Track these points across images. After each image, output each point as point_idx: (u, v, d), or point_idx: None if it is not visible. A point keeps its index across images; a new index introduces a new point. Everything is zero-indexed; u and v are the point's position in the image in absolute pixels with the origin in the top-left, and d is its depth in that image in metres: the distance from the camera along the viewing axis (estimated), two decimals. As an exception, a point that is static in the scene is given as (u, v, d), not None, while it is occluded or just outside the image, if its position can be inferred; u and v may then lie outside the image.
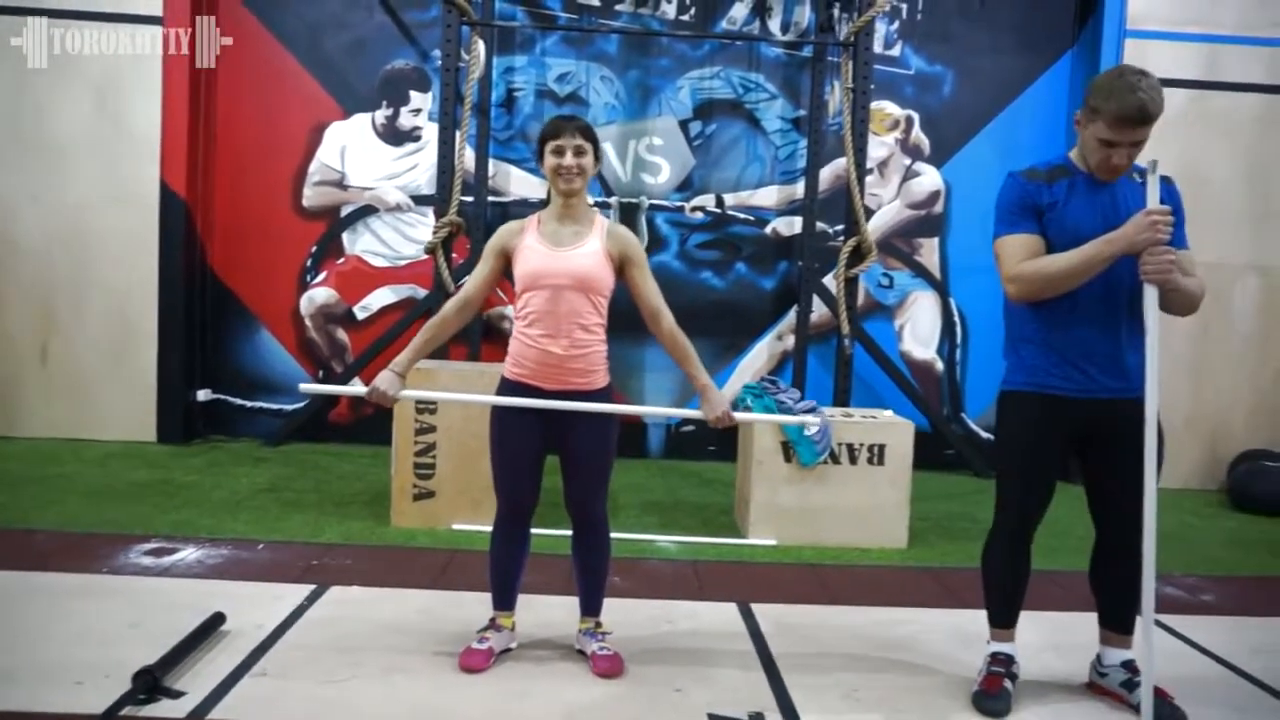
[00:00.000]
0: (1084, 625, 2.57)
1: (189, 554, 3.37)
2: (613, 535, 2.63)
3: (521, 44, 5.65)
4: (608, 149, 5.61)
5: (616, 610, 2.74)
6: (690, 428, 5.55)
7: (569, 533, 2.59)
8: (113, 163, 5.30)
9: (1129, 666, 2.40)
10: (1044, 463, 2.36)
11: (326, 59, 5.55)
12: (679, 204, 5.72)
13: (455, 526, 3.82)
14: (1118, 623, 2.44)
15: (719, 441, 4.74)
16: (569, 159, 2.38)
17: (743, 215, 5.73)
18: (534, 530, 2.62)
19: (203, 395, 5.58)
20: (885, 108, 5.68)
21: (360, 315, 5.68)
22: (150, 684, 2.23)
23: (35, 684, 2.28)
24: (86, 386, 5.39)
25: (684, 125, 5.70)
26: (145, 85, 5.26)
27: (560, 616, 2.75)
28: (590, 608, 2.61)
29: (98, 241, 5.34)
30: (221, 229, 5.60)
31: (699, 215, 5.72)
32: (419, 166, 5.64)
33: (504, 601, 2.58)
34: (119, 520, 3.77)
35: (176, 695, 2.24)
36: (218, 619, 2.64)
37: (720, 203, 5.72)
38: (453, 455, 3.83)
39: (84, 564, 3.19)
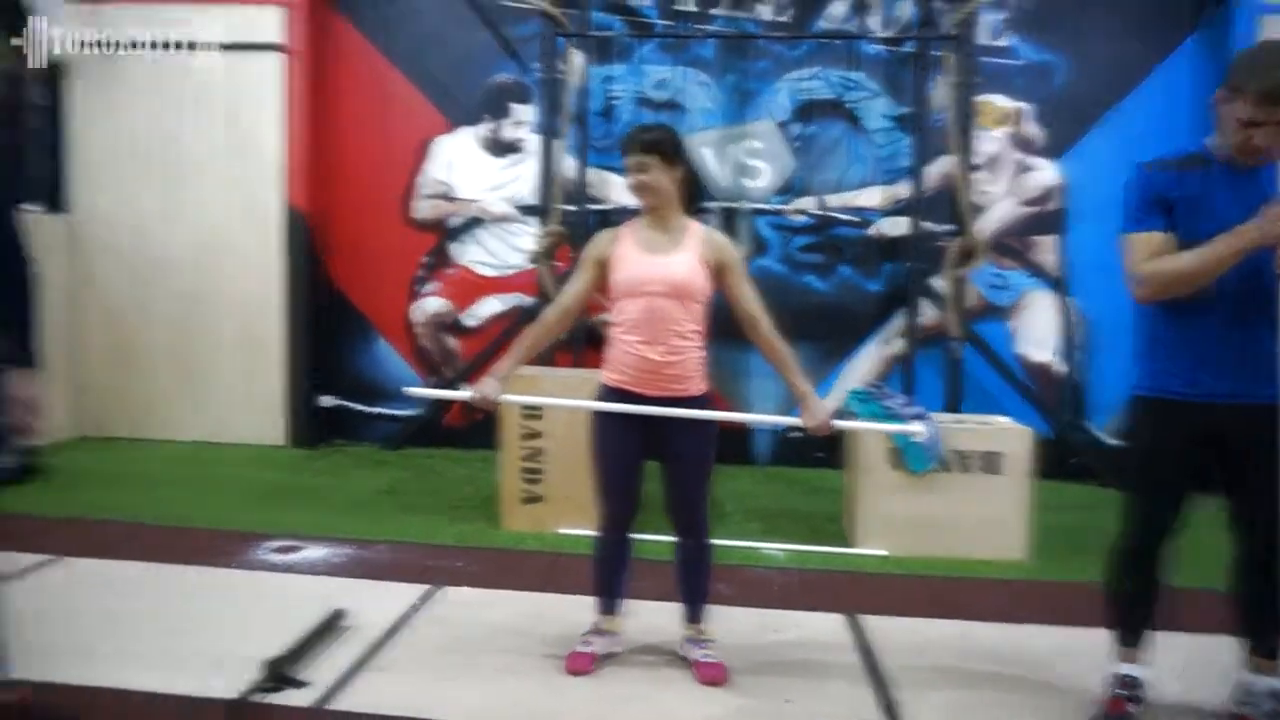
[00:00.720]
0: (1227, 649, 2.36)
1: (312, 552, 3.56)
2: (718, 542, 2.63)
3: (619, 52, 5.72)
4: (706, 154, 5.62)
5: (721, 618, 2.74)
6: (798, 433, 5.48)
7: (674, 538, 2.61)
8: (241, 184, 5.66)
9: (1278, 695, 2.24)
10: (1169, 473, 2.21)
11: (432, 75, 5.76)
12: (780, 207, 5.67)
13: (562, 530, 3.89)
14: (1262, 646, 2.27)
15: (827, 448, 4.66)
16: (633, 178, 2.42)
17: (846, 217, 5.63)
18: (639, 536, 2.65)
19: (326, 401, 5.88)
20: (994, 101, 5.47)
21: (470, 323, 5.86)
22: (278, 673, 2.37)
23: (171, 668, 2.46)
24: (223, 394, 5.76)
25: (783, 127, 5.65)
26: (269, 110, 5.59)
27: (665, 622, 2.77)
28: (694, 614, 2.61)
29: (229, 258, 5.70)
30: (340, 243, 5.89)
31: (801, 218, 5.66)
32: (522, 177, 5.78)
33: (608, 605, 2.62)
34: (252, 519, 4.01)
35: (301, 685, 2.38)
36: (339, 615, 2.78)
37: (822, 205, 5.63)
38: (560, 461, 3.91)
39: (220, 560, 3.42)
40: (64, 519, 3.91)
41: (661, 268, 2.41)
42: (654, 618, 2.82)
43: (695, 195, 2.56)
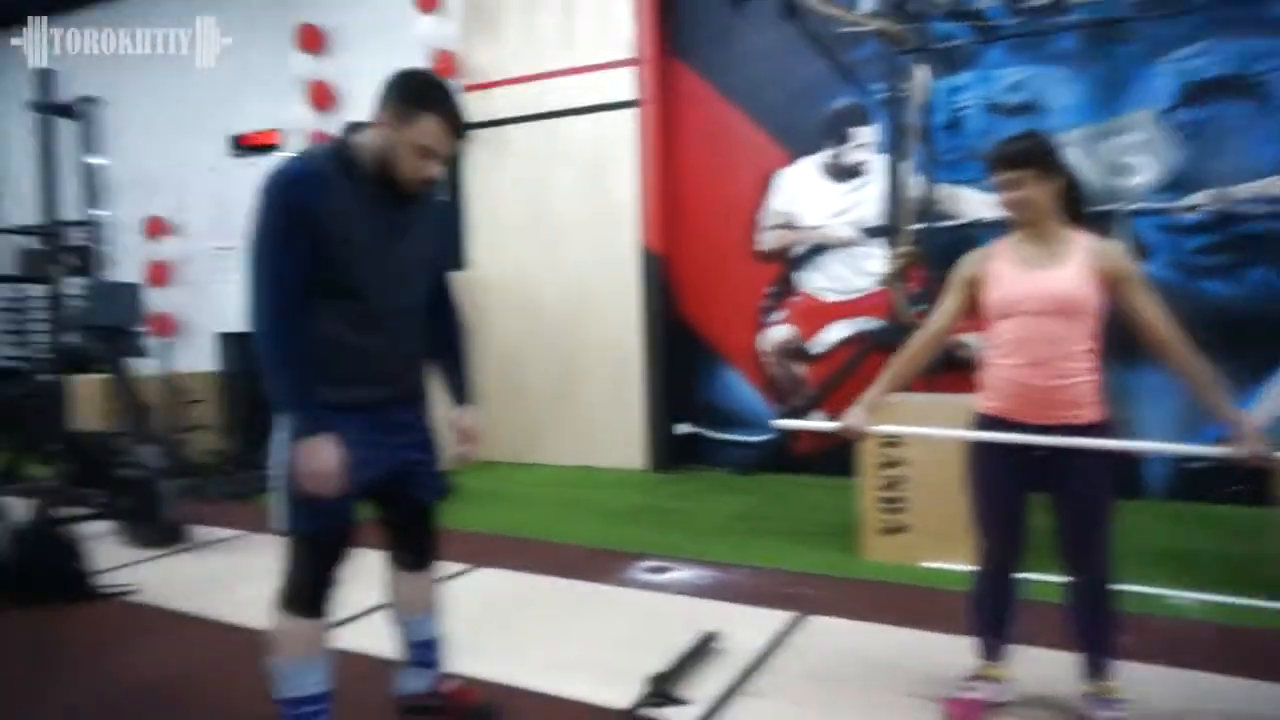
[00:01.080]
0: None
1: (680, 573, 3.74)
2: (1116, 587, 2.32)
3: (964, 61, 5.41)
4: (1072, 155, 5.09)
5: (1129, 676, 2.41)
6: (1203, 464, 4.71)
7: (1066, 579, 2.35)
8: (602, 230, 6.22)
9: None
10: None
11: (771, 109, 5.89)
12: (1167, 205, 4.96)
13: (927, 564, 3.70)
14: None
15: (1248, 481, 3.95)
16: (1004, 195, 2.23)
17: (1256, 210, 4.77)
18: (1027, 575, 2.43)
19: (681, 429, 6.21)
20: None
21: (816, 350, 5.85)
22: (662, 690, 2.51)
23: (563, 674, 2.70)
24: (591, 422, 6.34)
25: (1165, 115, 4.95)
26: (624, 161, 6.09)
27: (1061, 674, 2.50)
28: (1095, 668, 2.32)
29: (594, 297, 6.27)
30: (691, 279, 6.21)
31: (1194, 215, 4.90)
32: (866, 200, 5.68)
33: (992, 650, 2.43)
34: (622, 538, 4.33)
35: (683, 703, 2.49)
36: (712, 636, 2.88)
37: (1224, 197, 4.83)
38: (922, 490, 3.73)
39: (598, 575, 3.72)
40: (465, 532, 4.52)
41: (1042, 283, 2.20)
42: (1047, 668, 2.56)
43: (1077, 203, 2.31)
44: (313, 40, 7.08)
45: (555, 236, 6.39)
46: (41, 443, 5.59)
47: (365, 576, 2.33)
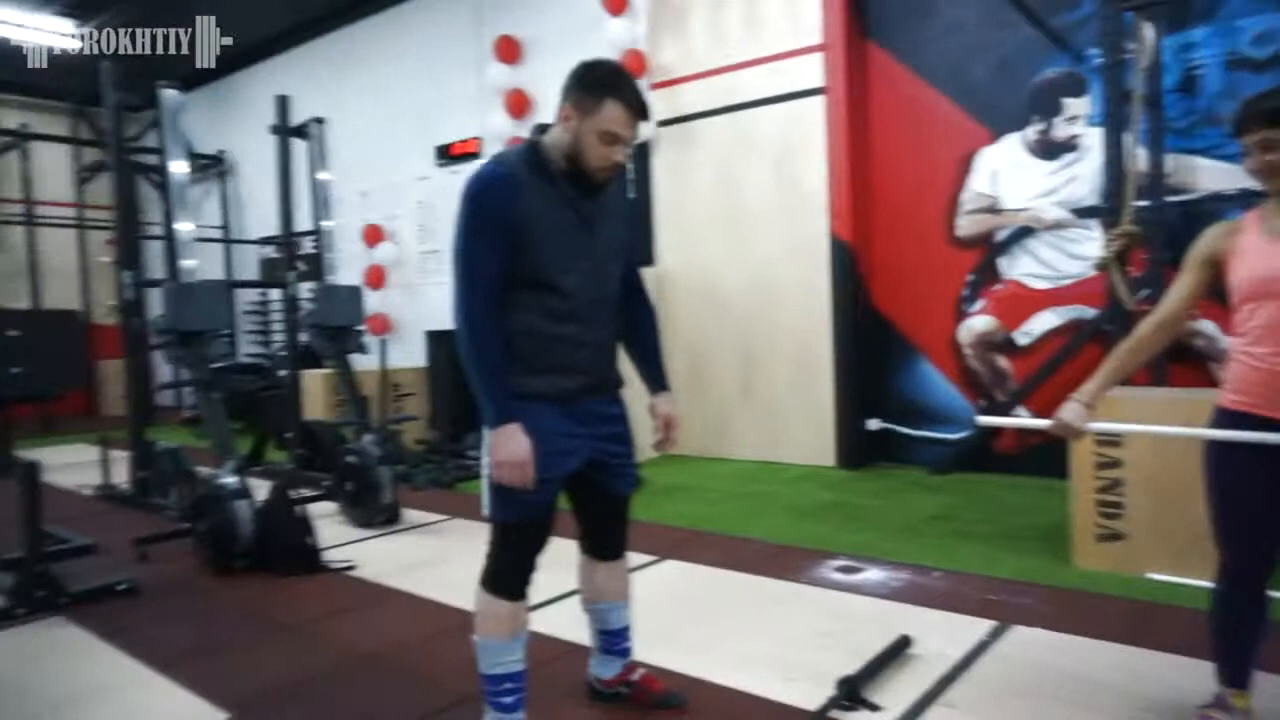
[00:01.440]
0: None
1: (872, 574, 3.61)
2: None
3: (1200, 13, 4.83)
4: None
5: None
6: None
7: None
8: (790, 220, 6.10)
9: None
10: None
11: (971, 86, 5.53)
12: None
13: (1152, 576, 3.35)
14: None
15: None
16: (1259, 159, 1.94)
17: None
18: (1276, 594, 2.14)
19: (873, 424, 5.98)
20: None
21: (1021, 341, 5.45)
22: (852, 692, 2.42)
23: (751, 670, 2.66)
24: (778, 416, 6.25)
25: None
26: (812, 149, 5.94)
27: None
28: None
29: (781, 289, 6.17)
30: (881, 267, 5.97)
31: None
32: (1079, 178, 5.21)
33: (1235, 676, 2.15)
34: (810, 536, 4.23)
35: (875, 709, 2.39)
36: (905, 641, 2.75)
37: None
38: (1146, 495, 3.38)
39: (784, 572, 3.65)
40: (652, 524, 4.58)
41: (1306, 260, 1.92)
42: (1299, 700, 2.25)
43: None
44: (509, 50, 7.43)
45: (743, 228, 6.35)
46: (280, 431, 6.25)
47: (563, 563, 2.41)
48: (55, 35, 8.77)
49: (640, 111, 2.04)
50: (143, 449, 5.29)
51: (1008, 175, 5.46)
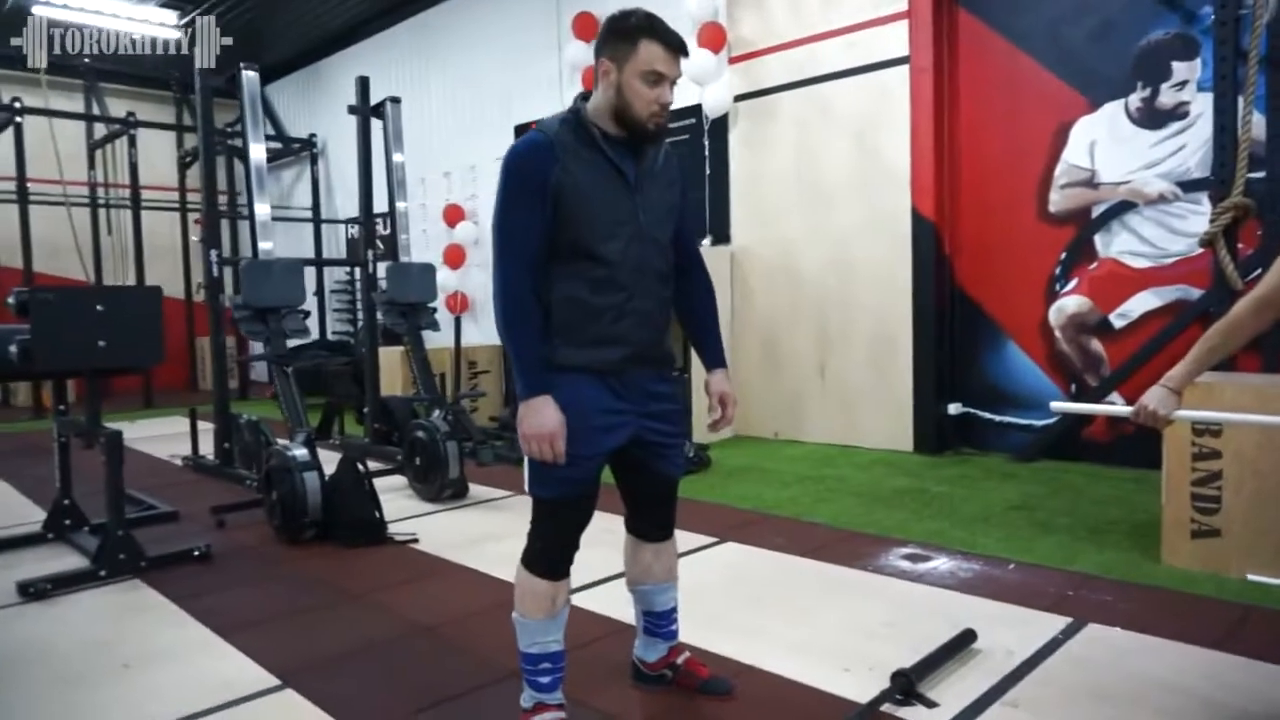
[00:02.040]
0: None
1: (941, 564, 3.44)
2: None
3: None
4: None
5: None
6: None
7: None
8: (870, 196, 5.87)
9: None
10: None
11: (1068, 52, 5.19)
12: None
13: (1251, 577, 3.09)
14: None
15: None
16: None
17: None
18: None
19: (953, 409, 5.73)
20: None
21: (1118, 324, 5.12)
22: (907, 686, 2.30)
23: (804, 658, 2.56)
24: (854, 398, 6.06)
25: None
26: (895, 122, 5.70)
27: None
28: None
29: (860, 267, 5.96)
30: (967, 245, 5.70)
31: None
32: (1187, 147, 4.83)
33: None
34: (880, 522, 4.07)
35: (931, 705, 2.26)
36: (969, 635, 2.60)
37: None
38: (1246, 489, 3.11)
39: (849, 559, 3.52)
40: (717, 505, 4.50)
41: None
42: None
43: None
44: (588, 28, 7.36)
45: (821, 205, 6.15)
46: (359, 405, 6.41)
47: (616, 540, 2.35)
48: (159, 26, 9.16)
49: (679, 47, 2.00)
50: (226, 421, 5.49)
51: (1107, 146, 5.11)
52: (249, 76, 4.63)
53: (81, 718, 2.35)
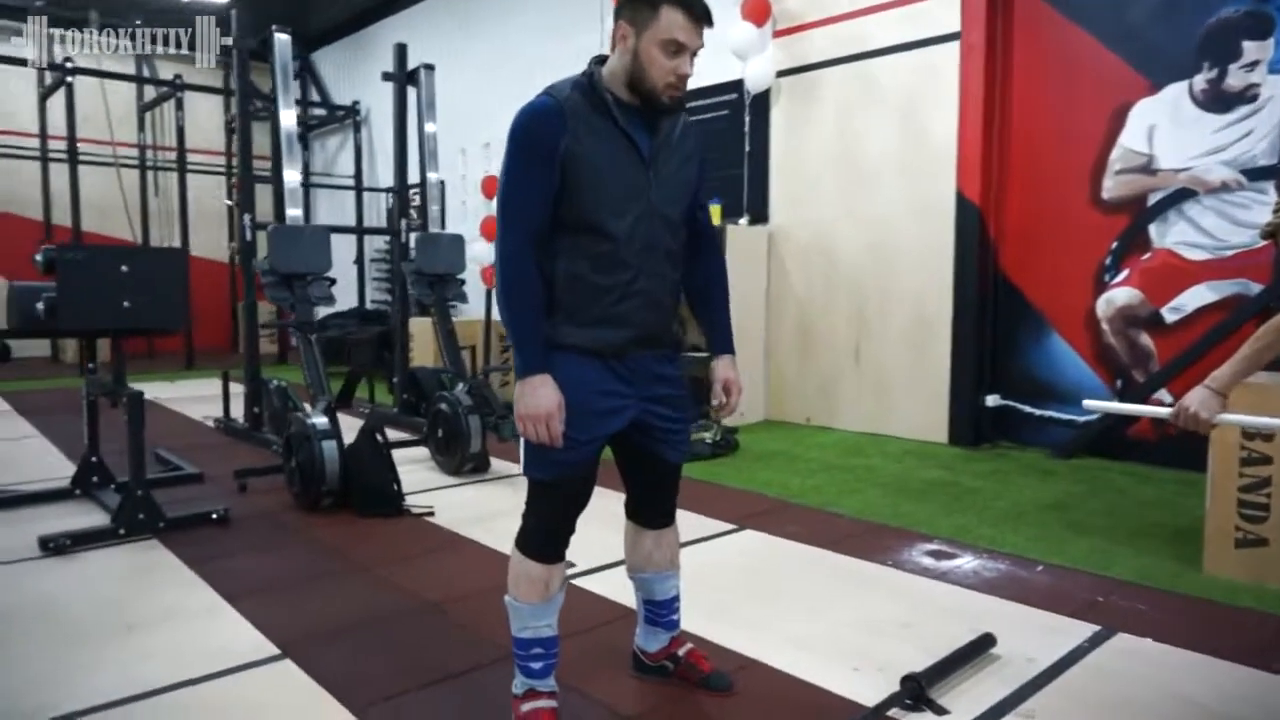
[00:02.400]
0: None
1: (966, 562, 3.31)
2: None
3: None
4: None
5: None
6: None
7: None
8: (913, 177, 5.67)
9: None
10: None
11: (1130, 29, 4.92)
12: None
13: (1297, 590, 2.92)
14: None
15: None
16: None
17: None
18: None
19: (991, 400, 5.54)
20: None
21: (1170, 318, 4.88)
22: (917, 691, 2.19)
23: (808, 653, 2.47)
24: (889, 386, 5.90)
25: None
26: (943, 101, 5.48)
27: None
28: None
29: (900, 251, 5.78)
30: (1013, 231, 5.48)
31: None
32: (1254, 133, 4.57)
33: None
34: (906, 516, 3.94)
35: (941, 712, 2.15)
36: (987, 640, 2.48)
37: None
38: (1296, 497, 2.93)
39: (869, 553, 3.40)
40: (740, 491, 4.40)
41: None
42: None
43: None
44: (629, -3, 7.21)
45: (862, 185, 5.96)
46: (389, 374, 6.42)
47: (621, 524, 2.27)
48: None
49: (703, 16, 1.86)
50: (256, 386, 5.52)
51: (1168, 130, 4.85)
52: (280, 40, 4.59)
53: (74, 677, 2.35)
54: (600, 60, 1.96)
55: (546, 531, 2.02)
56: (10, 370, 9.76)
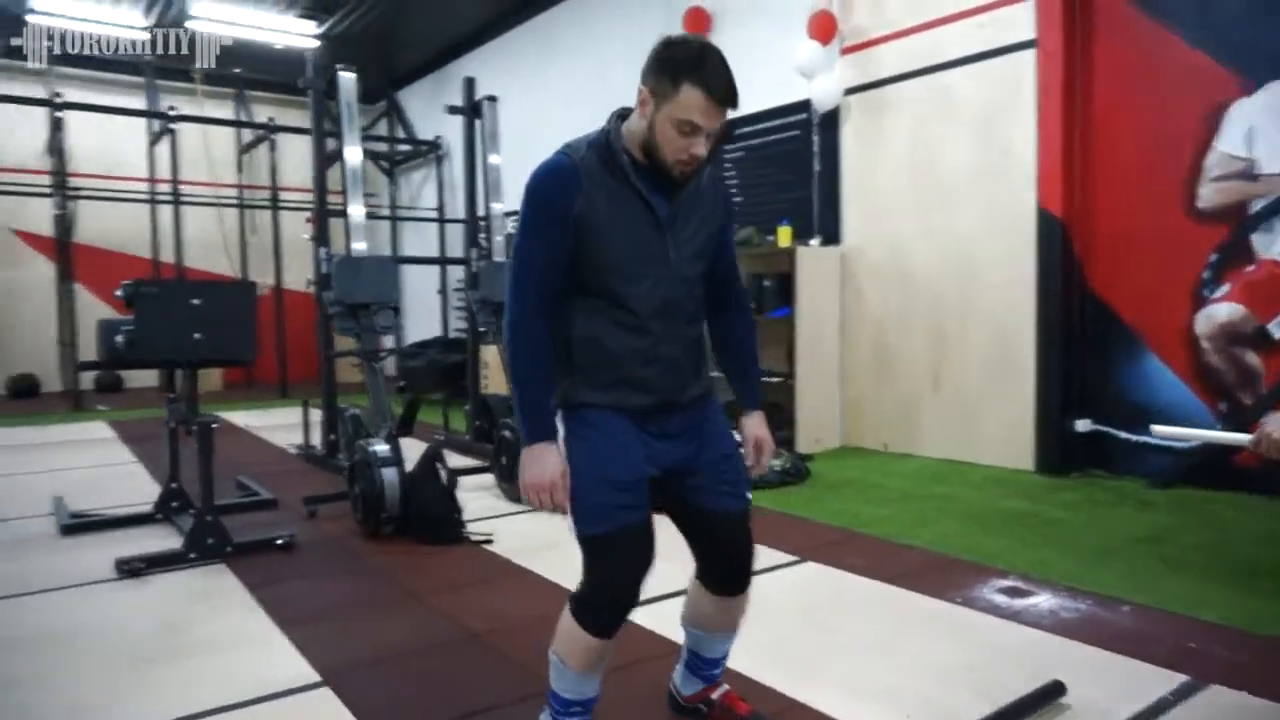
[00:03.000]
0: None
1: (1042, 601, 3.08)
2: None
3: None
4: None
5: None
6: None
7: None
8: (993, 193, 5.43)
9: None
10: None
11: (1222, 26, 4.60)
12: None
13: None
14: None
15: None
16: None
17: None
18: None
19: (1081, 425, 5.21)
20: None
21: (1278, 334, 4.50)
22: (970, 745, 2.03)
23: (861, 698, 2.32)
24: (971, 410, 5.63)
25: None
26: (1021, 111, 5.24)
27: None
28: None
29: (980, 270, 5.53)
30: (1102, 245, 5.17)
31: None
32: (1370, 133, 4.19)
33: None
34: (981, 549, 3.72)
35: (998, 767, 1.98)
36: (1056, 689, 2.28)
37: None
38: None
39: (937, 589, 3.20)
40: (805, 521, 4.24)
41: None
42: None
43: None
44: (698, 22, 7.20)
45: (938, 202, 5.75)
46: (464, 402, 6.50)
47: (682, 557, 2.15)
48: (298, 36, 9.66)
49: (725, 98, 1.74)
50: (332, 414, 5.66)
51: (1269, 133, 4.49)
52: (345, 79, 4.74)
53: (124, 699, 2.41)
54: (622, 115, 1.89)
55: (605, 598, 1.84)
56: (122, 400, 10.38)
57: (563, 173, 1.80)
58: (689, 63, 1.73)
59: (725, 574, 2.04)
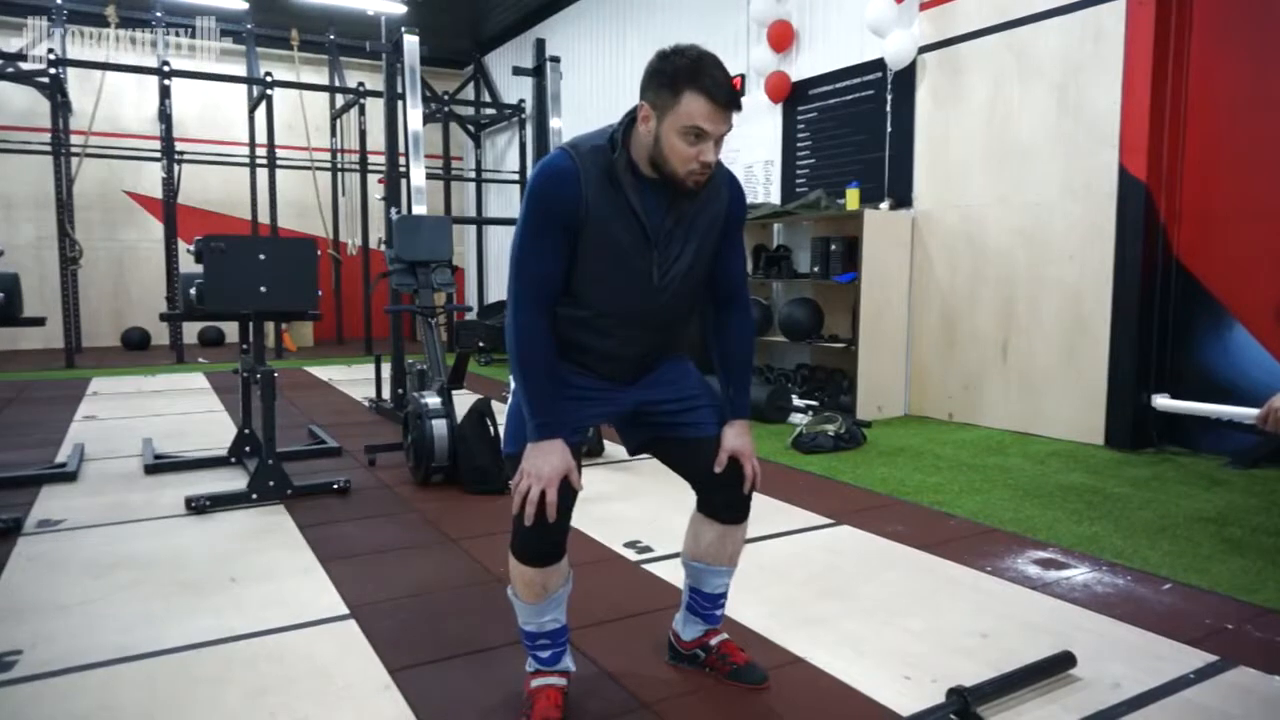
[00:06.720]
0: None
1: (1079, 574, 2.98)
2: None
3: None
4: None
5: None
6: None
7: None
8: (1071, 156, 5.17)
9: None
10: None
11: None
12: None
13: None
14: None
15: None
16: None
17: None
18: None
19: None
20: None
21: (1380, 308, 4.17)
22: (961, 706, 2.00)
23: (865, 659, 2.30)
24: (1039, 382, 5.42)
25: None
26: (1106, 69, 4.95)
27: None
28: None
29: (1054, 237, 5.29)
30: (1190, 212, 4.86)
31: None
32: None
33: None
34: (1026, 520, 3.61)
35: (990, 732, 1.95)
36: (1065, 659, 2.22)
37: None
38: None
39: (970, 557, 3.13)
40: (849, 486, 4.19)
41: None
42: None
43: None
44: (774, -20, 7.05)
45: (1013, 165, 5.51)
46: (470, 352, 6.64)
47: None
48: (390, 1, 9.90)
49: (727, 102, 1.73)
50: (400, 368, 5.87)
51: (1382, 88, 4.14)
52: (409, 41, 4.83)
53: (176, 618, 2.59)
54: (635, 118, 1.84)
55: (533, 531, 1.86)
56: (220, 353, 11.00)
57: (565, 177, 1.78)
58: (687, 71, 1.72)
59: (725, 500, 2.07)
